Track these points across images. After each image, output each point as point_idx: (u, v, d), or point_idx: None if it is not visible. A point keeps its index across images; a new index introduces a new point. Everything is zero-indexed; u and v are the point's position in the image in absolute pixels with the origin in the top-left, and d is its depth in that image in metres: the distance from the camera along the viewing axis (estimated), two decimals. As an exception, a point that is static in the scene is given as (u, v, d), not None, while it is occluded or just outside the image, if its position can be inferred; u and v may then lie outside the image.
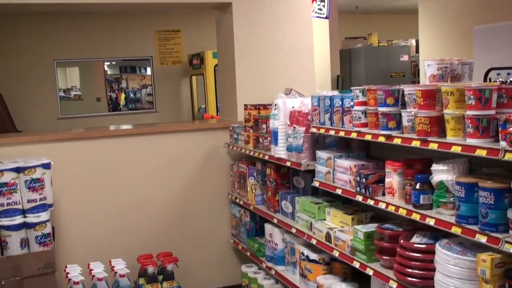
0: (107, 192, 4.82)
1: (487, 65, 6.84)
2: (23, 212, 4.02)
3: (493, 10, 8.83)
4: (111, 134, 4.94)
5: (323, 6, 6.81)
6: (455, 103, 2.50)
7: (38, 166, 4.06)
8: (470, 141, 2.41)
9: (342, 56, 10.00)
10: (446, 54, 9.49)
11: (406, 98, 2.79)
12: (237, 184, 4.88)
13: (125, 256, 4.55)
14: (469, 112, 2.40)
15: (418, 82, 9.68)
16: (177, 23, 10.88)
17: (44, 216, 4.05)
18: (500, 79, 5.44)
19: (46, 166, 4.18)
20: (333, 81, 8.19)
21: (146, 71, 11.67)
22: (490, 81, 5.90)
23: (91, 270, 4.27)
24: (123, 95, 11.97)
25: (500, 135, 2.29)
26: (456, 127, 2.50)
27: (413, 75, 10.53)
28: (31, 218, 4.00)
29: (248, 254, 4.69)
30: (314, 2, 6.68)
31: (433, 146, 2.58)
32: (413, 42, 11.37)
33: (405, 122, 2.80)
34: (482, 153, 2.32)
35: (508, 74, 5.80)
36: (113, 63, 11.84)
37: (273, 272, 4.23)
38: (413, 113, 2.71)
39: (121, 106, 11.94)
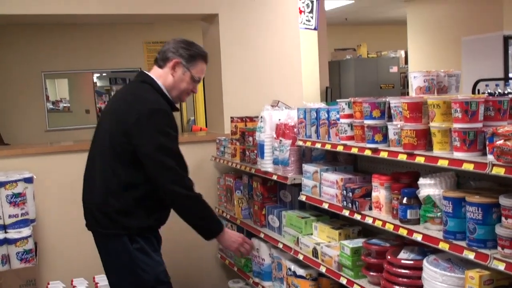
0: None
1: (475, 76, 6.82)
2: (4, 227, 3.95)
3: (481, 21, 8.87)
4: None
5: (312, 17, 6.78)
6: (442, 116, 2.45)
7: (19, 180, 3.99)
8: (457, 154, 2.35)
9: (332, 68, 10.00)
10: (435, 65, 9.51)
11: (392, 111, 2.74)
12: (224, 198, 4.81)
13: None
14: (456, 125, 2.35)
15: (408, 94, 9.67)
16: (166, 34, 10.79)
17: (25, 231, 3.97)
18: (489, 91, 5.41)
19: (28, 180, 4.10)
20: (322, 93, 8.15)
21: (135, 82, 11.60)
22: (478, 92, 5.87)
23: (74, 286, 4.18)
24: (113, 107, 11.89)
25: (487, 148, 2.24)
26: (443, 140, 2.45)
27: (403, 87, 10.54)
28: (12, 234, 3.93)
29: (235, 269, 4.61)
30: (302, 13, 6.64)
31: (420, 159, 2.53)
32: (402, 53, 11.41)
33: (391, 135, 2.75)
34: (469, 167, 2.26)
35: (496, 85, 5.78)
36: (103, 74, 11.78)
37: (260, 287, 4.16)
38: (399, 126, 2.66)
39: (111, 118, 11.85)
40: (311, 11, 6.79)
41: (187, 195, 3.00)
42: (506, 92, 5.70)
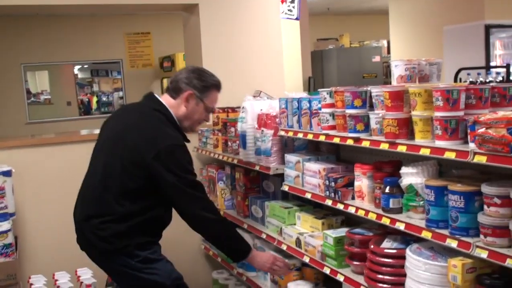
0: (73, 199, 4.66)
1: (457, 65, 6.85)
2: (-17, 222, 3.88)
3: (463, 11, 8.89)
4: (78, 139, 4.81)
5: (293, 7, 6.73)
6: (423, 105, 2.43)
7: (-2, 174, 3.93)
8: (439, 143, 2.35)
9: (314, 58, 9.97)
10: (417, 54, 9.52)
11: (373, 100, 2.73)
12: (207, 189, 4.77)
13: (92, 265, 4.38)
14: (437, 114, 2.34)
15: (390, 83, 9.70)
16: (147, 25, 10.75)
17: (5, 225, 3.91)
18: (470, 79, 5.43)
19: (7, 173, 4.04)
20: (305, 83, 8.13)
21: (118, 74, 11.52)
22: (460, 81, 5.89)
23: (56, 280, 4.14)
24: (95, 99, 11.82)
25: (469, 136, 2.23)
26: (425, 129, 2.44)
27: (386, 76, 10.55)
28: (-9, 228, 3.86)
29: (219, 260, 4.60)
30: (284, 3, 6.60)
31: (402, 148, 2.52)
32: (385, 43, 11.42)
33: (373, 124, 2.73)
34: (451, 155, 2.26)
35: (478, 74, 5.80)
36: (85, 66, 11.68)
37: (244, 278, 4.14)
38: (380, 115, 2.64)
39: (93, 110, 11.77)
40: (292, 1, 6.75)
41: (216, 220, 3.06)
42: (487, 80, 5.73)
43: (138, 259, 2.97)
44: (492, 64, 8.31)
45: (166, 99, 3.11)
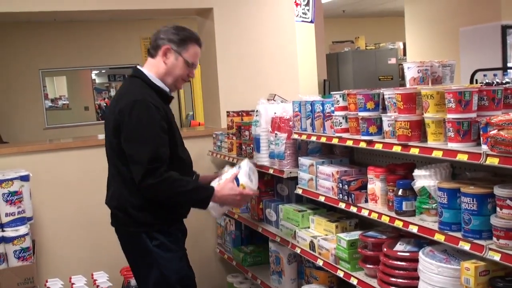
0: (90, 203, 4.72)
1: (474, 67, 6.79)
2: (1, 226, 3.93)
3: (479, 12, 8.82)
4: (95, 143, 4.84)
5: (308, 10, 6.75)
6: (436, 107, 2.43)
7: (15, 178, 3.98)
8: (451, 145, 2.34)
9: (329, 60, 9.97)
10: (433, 56, 9.47)
11: (386, 102, 2.72)
12: (222, 192, 4.79)
13: (108, 268, 4.46)
14: (450, 116, 2.33)
15: (406, 85, 9.64)
16: (163, 30, 10.80)
17: (22, 229, 3.96)
18: (486, 81, 5.39)
19: (25, 178, 4.09)
20: (320, 86, 8.13)
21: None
22: (476, 82, 5.85)
23: (73, 284, 4.17)
24: (112, 103, 11.89)
25: (481, 138, 2.22)
26: (437, 131, 2.43)
27: (401, 78, 10.49)
28: (9, 232, 3.92)
29: (234, 263, 4.60)
30: (299, 6, 6.62)
31: (414, 151, 2.51)
32: (401, 44, 11.37)
33: (385, 127, 2.73)
34: (463, 157, 2.25)
35: (494, 75, 5.75)
36: (102, 71, 11.77)
37: (258, 281, 4.15)
38: (393, 117, 2.64)
39: (110, 115, 11.85)
40: (307, 4, 6.77)
41: (158, 182, 2.85)
42: (503, 81, 5.67)
43: (156, 242, 3.00)
44: (509, 65, 8.24)
45: (147, 63, 3.12)
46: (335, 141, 3.12)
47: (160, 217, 3.04)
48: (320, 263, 3.27)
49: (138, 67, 3.15)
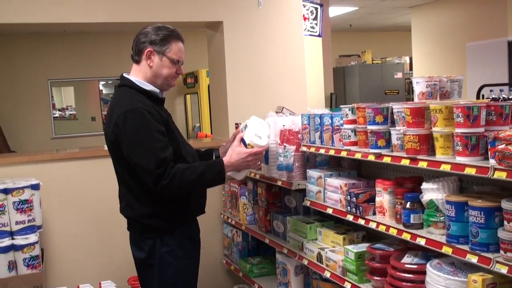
0: (98, 213, 4.77)
1: (480, 82, 6.83)
2: (11, 234, 3.96)
3: (486, 27, 8.88)
4: (103, 154, 4.89)
5: (316, 24, 6.81)
6: (444, 121, 2.47)
7: (26, 187, 4.02)
8: (459, 159, 2.37)
9: (336, 74, 10.02)
10: (439, 70, 9.52)
11: (395, 116, 2.76)
12: (229, 204, 4.83)
13: (116, 278, 4.47)
14: (458, 130, 2.37)
15: (412, 99, 9.67)
16: (171, 42, 10.86)
17: (32, 238, 3.99)
18: (493, 96, 5.42)
19: (35, 187, 4.13)
20: (327, 99, 8.18)
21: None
22: (483, 98, 5.88)
23: (81, 292, 4.20)
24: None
25: (489, 152, 2.25)
26: (445, 145, 2.47)
27: (408, 92, 10.55)
28: (19, 240, 3.95)
29: (241, 274, 4.63)
30: (307, 20, 6.68)
31: (423, 164, 2.55)
32: (407, 59, 11.42)
33: (394, 140, 2.77)
34: (471, 171, 2.28)
35: (501, 90, 5.79)
36: (109, 82, 11.84)
37: (265, 293, 4.17)
38: (402, 131, 2.68)
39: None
40: (315, 18, 6.83)
41: (170, 181, 2.83)
42: (510, 97, 5.70)
43: (166, 249, 3.02)
44: (515, 80, 8.28)
45: (132, 70, 3.09)
46: (343, 154, 3.16)
47: (171, 220, 3.05)
48: (327, 274, 3.29)
49: (125, 74, 3.11)
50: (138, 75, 3.05)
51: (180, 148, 3.05)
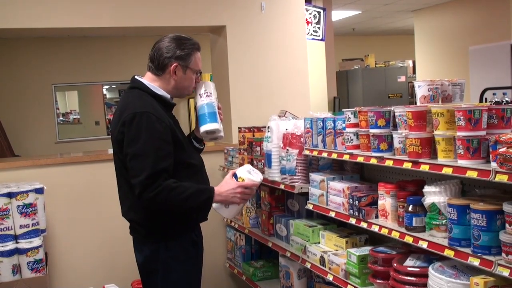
0: (101, 217, 4.79)
1: (483, 85, 6.84)
2: (15, 237, 3.99)
3: (488, 31, 8.88)
4: (106, 158, 4.92)
5: (319, 28, 6.83)
6: (446, 124, 2.48)
7: (30, 191, 4.04)
8: (461, 162, 2.38)
9: (339, 78, 10.03)
10: (442, 74, 9.53)
11: (397, 120, 2.77)
12: (233, 207, 4.83)
13: (119, 281, 4.49)
14: (460, 133, 2.38)
15: (415, 103, 9.67)
16: (175, 46, 10.89)
17: (36, 241, 4.01)
18: (496, 99, 5.43)
19: (39, 191, 4.15)
20: (330, 103, 8.20)
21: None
22: (486, 101, 5.89)
23: (84, 296, 4.22)
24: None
25: (491, 156, 2.26)
26: (447, 148, 2.48)
27: (411, 96, 10.55)
28: (23, 244, 3.97)
29: (244, 278, 4.64)
30: (310, 24, 6.70)
31: (424, 167, 2.56)
32: (410, 63, 11.42)
33: (396, 144, 2.78)
34: (473, 174, 2.29)
35: (504, 94, 5.79)
36: (113, 86, 11.87)
37: (268, 296, 4.18)
38: (404, 134, 2.69)
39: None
40: (318, 22, 6.85)
41: (155, 195, 2.79)
42: (513, 100, 5.71)
43: (170, 254, 3.00)
44: (518, 84, 8.28)
45: (149, 76, 3.07)
46: (346, 157, 3.17)
47: (176, 225, 3.04)
48: (330, 278, 3.30)
49: (137, 77, 3.12)
50: (153, 83, 3.05)
51: (185, 156, 3.02)
